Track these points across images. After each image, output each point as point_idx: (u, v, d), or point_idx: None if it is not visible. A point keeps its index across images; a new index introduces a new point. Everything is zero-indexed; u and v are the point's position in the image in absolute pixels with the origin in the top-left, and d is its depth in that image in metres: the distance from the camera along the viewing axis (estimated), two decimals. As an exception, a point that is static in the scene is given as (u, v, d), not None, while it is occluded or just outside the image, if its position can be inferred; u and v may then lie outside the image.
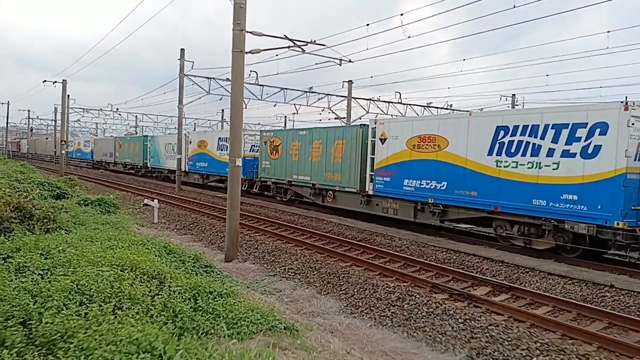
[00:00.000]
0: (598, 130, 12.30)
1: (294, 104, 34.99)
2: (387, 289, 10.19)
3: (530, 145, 13.65)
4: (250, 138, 29.67)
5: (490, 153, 14.63)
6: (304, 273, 11.93)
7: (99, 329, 4.50)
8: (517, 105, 38.03)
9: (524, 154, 13.81)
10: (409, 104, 36.47)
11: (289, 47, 15.97)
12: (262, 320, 5.80)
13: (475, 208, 15.15)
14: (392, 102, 35.76)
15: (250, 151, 28.82)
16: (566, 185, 12.85)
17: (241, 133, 13.65)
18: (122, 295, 5.46)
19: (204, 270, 8.62)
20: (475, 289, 10.47)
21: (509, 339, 7.73)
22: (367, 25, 19.28)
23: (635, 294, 10.07)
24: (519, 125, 13.96)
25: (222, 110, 57.71)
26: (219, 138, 32.13)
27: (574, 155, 12.76)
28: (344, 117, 34.53)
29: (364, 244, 14.64)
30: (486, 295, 10.02)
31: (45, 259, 7.03)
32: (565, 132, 12.94)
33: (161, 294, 5.86)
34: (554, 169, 13.15)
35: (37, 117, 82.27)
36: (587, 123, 12.51)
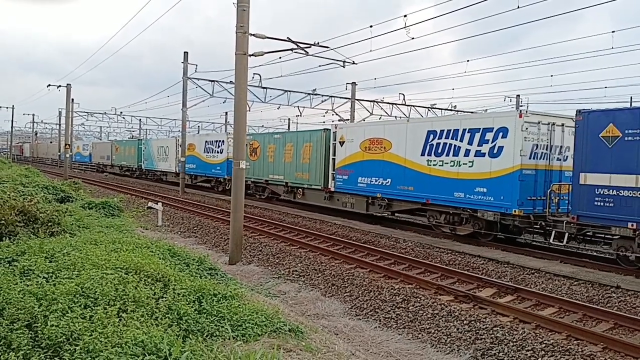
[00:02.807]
0: (501, 134, 14.60)
1: (298, 106, 35.01)
2: (392, 290, 10.18)
3: (452, 147, 15.99)
4: None
5: (422, 153, 17.01)
6: (309, 275, 11.93)
7: (104, 332, 4.52)
8: (521, 106, 37.91)
9: (447, 154, 16.17)
10: (413, 106, 36.41)
11: (292, 49, 15.99)
12: (266, 322, 5.79)
13: (412, 200, 17.59)
14: (396, 104, 35.72)
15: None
16: (478, 180, 15.18)
17: (245, 136, 13.65)
18: (127, 298, 5.47)
19: (208, 273, 8.62)
20: (481, 291, 10.44)
21: (514, 340, 7.71)
22: (371, 26, 19.24)
23: (641, 294, 10.02)
24: (444, 130, 16.29)
25: (226, 112, 57.82)
26: (206, 141, 34.31)
27: (483, 154, 15.06)
28: (348, 119, 34.51)
29: (368, 246, 14.62)
30: (491, 297, 9.99)
31: (50, 262, 7.04)
32: (477, 136, 15.24)
33: (166, 297, 5.87)
34: (469, 167, 15.50)
35: (42, 121, 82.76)
36: (493, 128, 14.83)
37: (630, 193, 11.38)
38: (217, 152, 32.73)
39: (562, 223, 12.89)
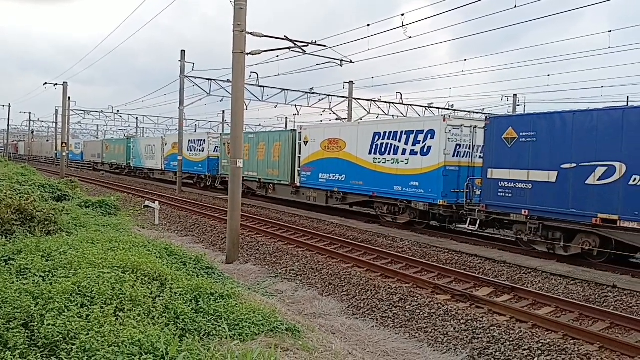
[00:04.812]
0: (429, 136, 16.78)
1: (295, 105, 34.99)
2: (389, 290, 10.18)
3: (393, 147, 18.20)
4: (215, 140, 33.66)
5: (370, 152, 19.19)
6: (306, 274, 11.92)
7: (101, 331, 4.51)
8: (518, 105, 37.99)
9: (389, 153, 18.36)
10: (410, 105, 36.43)
11: (289, 48, 15.96)
12: (263, 322, 5.79)
13: (362, 194, 19.81)
14: (393, 103, 35.72)
15: (214, 151, 33.20)
16: (412, 175, 17.40)
17: (242, 134, 13.64)
18: (124, 297, 5.45)
19: (205, 272, 8.61)
20: (478, 290, 10.46)
21: (511, 340, 7.72)
22: (368, 25, 19.21)
23: (637, 294, 10.05)
24: (387, 132, 18.51)
25: (223, 111, 57.67)
26: (189, 140, 36.01)
27: (416, 153, 17.27)
28: (345, 118, 34.50)
29: (365, 245, 14.63)
30: (488, 296, 10.00)
31: (47, 261, 7.02)
32: (412, 137, 17.46)
33: (162, 296, 5.85)
34: (405, 164, 17.70)
35: (38, 119, 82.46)
36: (424, 130, 17.05)
37: (524, 185, 13.48)
38: (199, 151, 34.67)
39: (475, 211, 14.95)
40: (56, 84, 41.19)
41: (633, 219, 11.31)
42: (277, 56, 19.32)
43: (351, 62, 20.74)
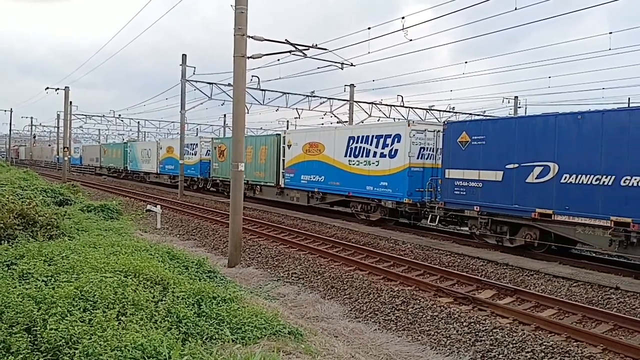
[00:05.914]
0: (396, 139, 18.19)
1: (296, 108, 35.00)
2: (391, 293, 10.17)
3: (365, 150, 19.64)
4: (207, 144, 34.94)
5: (346, 155, 20.66)
6: (308, 277, 11.91)
7: (104, 335, 4.50)
8: (519, 107, 37.96)
9: (362, 156, 19.84)
10: (412, 107, 36.42)
11: (290, 51, 15.99)
12: (266, 325, 5.77)
13: (339, 194, 21.22)
14: (394, 106, 35.72)
15: (206, 155, 34.67)
16: (382, 176, 18.73)
17: (243, 138, 13.65)
18: (126, 301, 5.45)
19: (207, 276, 8.59)
20: (480, 292, 10.44)
21: (514, 342, 7.71)
22: (369, 28, 19.24)
23: (640, 295, 10.02)
24: (360, 136, 19.97)
25: (224, 115, 57.79)
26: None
27: (385, 156, 18.65)
28: (346, 121, 34.51)
29: (367, 248, 14.61)
30: (491, 299, 9.99)
31: (49, 265, 7.02)
32: (381, 141, 18.85)
33: (165, 300, 5.85)
34: (376, 165, 19.08)
35: (40, 123, 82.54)
36: (391, 134, 18.45)
37: (475, 184, 14.76)
38: (192, 154, 35.77)
39: (435, 208, 16.23)
40: (57, 89, 41.28)
41: (564, 212, 12.67)
42: (278, 60, 19.39)
43: (352, 65, 20.78)
